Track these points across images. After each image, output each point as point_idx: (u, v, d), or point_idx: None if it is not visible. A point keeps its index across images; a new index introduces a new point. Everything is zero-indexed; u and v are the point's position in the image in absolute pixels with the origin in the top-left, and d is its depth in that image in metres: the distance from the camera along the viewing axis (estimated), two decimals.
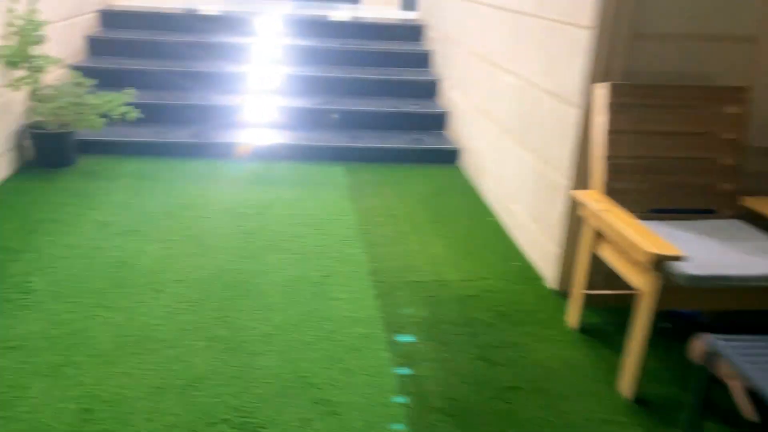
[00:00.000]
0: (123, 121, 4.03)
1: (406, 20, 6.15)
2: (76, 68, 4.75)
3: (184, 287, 2.73)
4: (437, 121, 4.94)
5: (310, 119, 4.78)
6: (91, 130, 3.94)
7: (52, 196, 3.55)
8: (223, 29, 5.63)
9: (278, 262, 3.02)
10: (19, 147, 3.93)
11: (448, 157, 4.60)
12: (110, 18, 5.54)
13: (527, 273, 3.07)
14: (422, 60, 5.56)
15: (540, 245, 3.08)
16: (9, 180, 3.74)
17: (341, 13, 6.51)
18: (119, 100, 3.92)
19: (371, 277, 2.92)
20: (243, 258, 3.02)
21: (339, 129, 4.76)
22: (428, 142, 4.67)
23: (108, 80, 4.81)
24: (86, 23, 5.20)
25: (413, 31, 5.91)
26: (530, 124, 3.22)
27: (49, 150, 3.93)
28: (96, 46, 5.20)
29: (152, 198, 3.63)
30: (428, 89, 5.25)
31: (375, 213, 3.65)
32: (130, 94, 4.03)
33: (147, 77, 4.93)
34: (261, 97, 4.94)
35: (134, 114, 3.96)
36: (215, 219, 3.43)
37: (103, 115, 3.99)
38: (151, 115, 4.56)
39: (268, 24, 5.70)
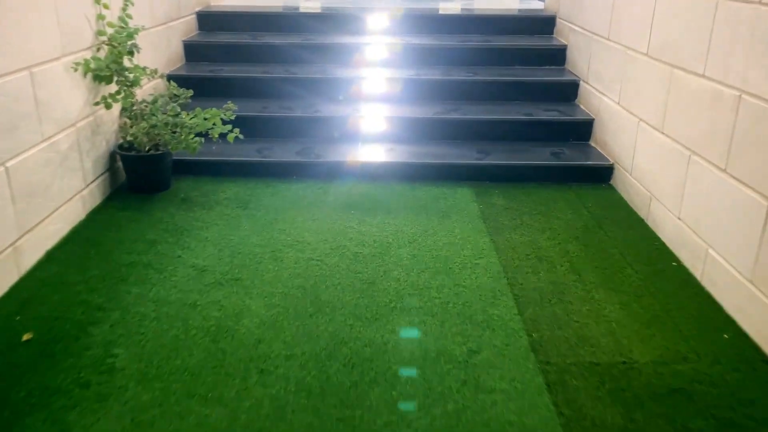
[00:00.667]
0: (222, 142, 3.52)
1: (530, 11, 5.36)
2: (173, 77, 4.34)
3: (296, 367, 2.14)
4: (580, 131, 4.14)
5: (430, 131, 4.12)
6: (188, 152, 3.46)
7: (144, 231, 3.09)
8: (329, 28, 5.07)
9: (409, 327, 2.38)
10: (110, 171, 3.52)
11: (598, 176, 3.80)
12: (208, 20, 5.11)
13: (746, 351, 2.27)
14: (555, 57, 4.76)
15: (764, 312, 2.26)
16: (98, 209, 3.33)
17: (456, 5, 5.80)
18: (218, 118, 3.41)
19: (533, 356, 2.22)
20: (365, 321, 2.41)
21: (463, 142, 4.07)
22: (571, 157, 3.89)
23: (206, 90, 4.37)
24: (184, 27, 4.79)
25: (541, 24, 5.10)
26: (746, 147, 2.40)
27: (142, 174, 3.49)
28: (193, 51, 4.78)
29: (254, 233, 3.10)
30: (565, 92, 4.45)
31: (520, 253, 2.94)
32: (230, 110, 3.52)
33: (247, 85, 4.44)
34: (373, 105, 4.33)
35: (234, 135, 3.44)
36: (327, 262, 2.84)
37: (201, 134, 3.51)
38: (253, 128, 4.06)
39: (377, 21, 5.09)
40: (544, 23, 5.09)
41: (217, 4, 5.47)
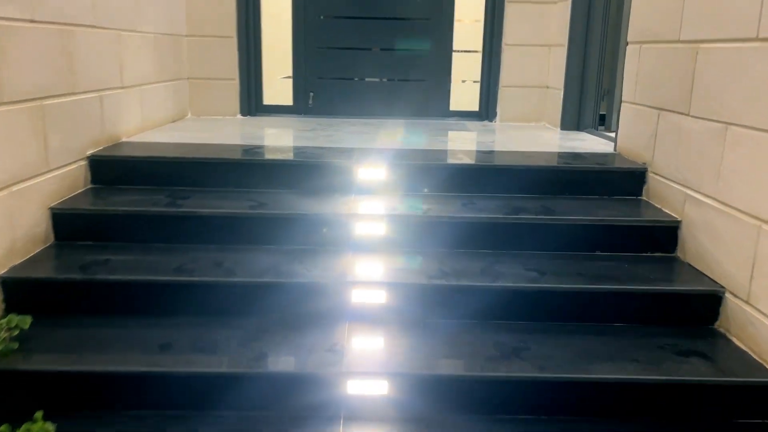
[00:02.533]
0: None
1: (592, 157, 3.61)
2: (11, 282, 2.47)
3: None
4: (756, 405, 2.23)
5: (478, 403, 2.19)
6: None
7: None
8: (294, 186, 3.24)
9: None
10: None
11: None
12: (109, 167, 3.25)
13: None
14: (657, 239, 2.94)
15: None
16: None
17: (469, 143, 4.05)
18: None
19: None
20: None
21: (546, 425, 2.13)
22: None
23: (73, 302, 2.50)
24: (58, 185, 2.93)
25: (618, 180, 3.31)
26: None
27: None
28: (70, 225, 2.88)
29: None
30: (696, 311, 2.58)
31: None
32: None
33: (148, 294, 2.54)
34: (365, 340, 2.40)
35: None
36: None
37: None
38: (139, 392, 2.13)
39: (368, 173, 3.29)
40: (624, 179, 3.32)
41: (133, 139, 3.67)
